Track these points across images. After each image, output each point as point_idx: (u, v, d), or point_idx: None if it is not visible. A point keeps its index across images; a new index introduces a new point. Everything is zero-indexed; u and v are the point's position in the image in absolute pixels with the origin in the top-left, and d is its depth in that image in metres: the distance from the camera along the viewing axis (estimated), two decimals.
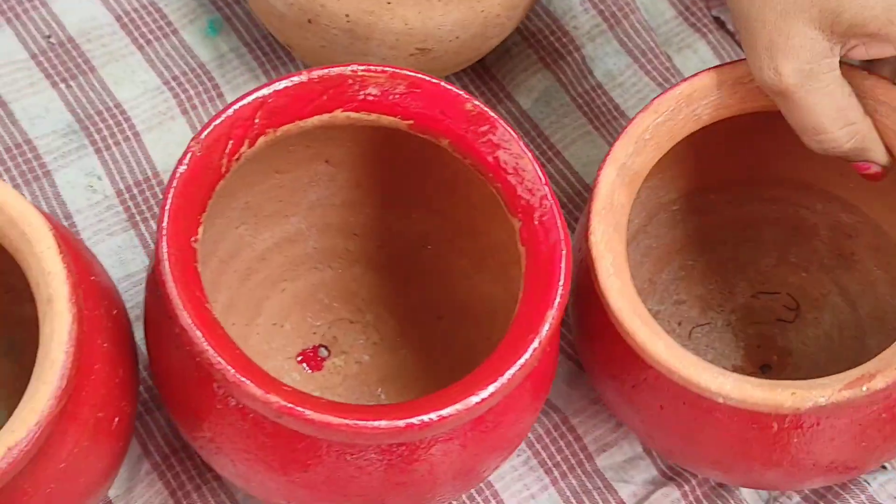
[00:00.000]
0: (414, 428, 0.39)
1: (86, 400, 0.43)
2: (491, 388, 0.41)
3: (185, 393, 0.44)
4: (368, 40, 0.55)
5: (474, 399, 0.40)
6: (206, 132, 0.43)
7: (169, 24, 0.65)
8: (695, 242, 0.61)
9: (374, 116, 0.46)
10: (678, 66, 0.69)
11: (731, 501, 0.57)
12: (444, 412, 0.39)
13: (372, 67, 0.45)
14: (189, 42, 0.65)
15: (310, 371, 0.58)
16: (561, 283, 0.43)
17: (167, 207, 0.41)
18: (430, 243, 0.58)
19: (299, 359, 0.58)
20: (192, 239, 0.42)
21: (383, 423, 0.39)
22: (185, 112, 0.64)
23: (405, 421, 0.39)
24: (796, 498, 0.58)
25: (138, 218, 0.61)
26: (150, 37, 0.65)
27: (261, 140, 0.45)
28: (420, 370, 0.58)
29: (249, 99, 0.44)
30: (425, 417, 0.39)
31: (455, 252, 0.57)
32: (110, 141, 0.62)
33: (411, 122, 0.46)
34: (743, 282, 0.61)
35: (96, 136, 0.62)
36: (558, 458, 0.58)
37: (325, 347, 0.59)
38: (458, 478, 0.46)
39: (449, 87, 0.45)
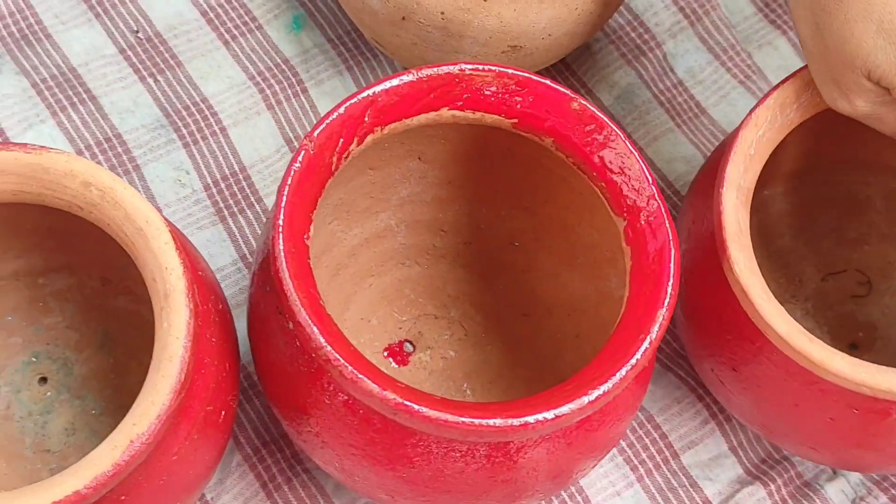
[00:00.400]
0: (528, 426, 0.40)
1: (197, 394, 0.44)
2: (603, 388, 0.41)
3: (292, 387, 0.45)
4: (462, 38, 0.55)
5: (587, 398, 0.41)
6: (318, 130, 0.43)
7: (253, 19, 0.66)
8: (754, 241, 0.61)
9: (478, 115, 0.47)
10: (758, 63, 0.68)
11: (817, 501, 0.57)
12: (559, 411, 0.40)
13: (480, 66, 0.45)
14: (273, 38, 0.66)
15: (396, 366, 0.58)
16: (671, 283, 0.43)
17: (283, 205, 0.42)
18: (518, 240, 0.58)
19: (385, 353, 0.58)
20: (305, 236, 0.43)
21: (498, 421, 0.40)
22: (270, 107, 0.64)
23: (520, 419, 0.40)
24: (883, 498, 0.58)
25: (226, 212, 0.62)
26: (236, 32, 0.66)
27: (369, 138, 0.45)
28: (505, 366, 0.58)
29: (360, 97, 0.44)
30: (539, 416, 0.40)
31: (543, 250, 0.57)
32: (198, 135, 0.63)
33: (515, 120, 0.47)
34: (809, 268, 0.61)
35: (184, 131, 0.63)
36: (644, 455, 0.58)
37: (411, 342, 0.59)
38: (557, 476, 0.46)
39: (556, 85, 0.46)
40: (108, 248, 0.53)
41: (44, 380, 0.55)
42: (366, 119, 0.44)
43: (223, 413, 0.46)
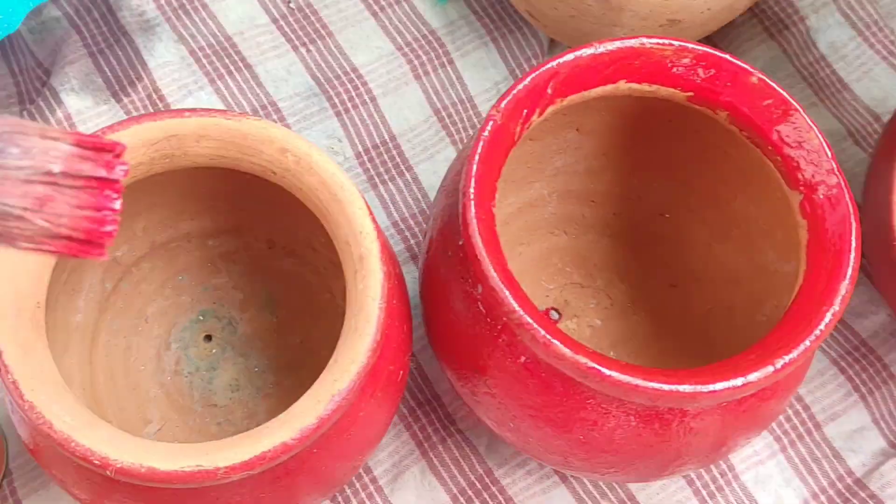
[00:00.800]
0: (715, 393, 0.41)
1: (383, 354, 0.45)
2: (789, 357, 0.42)
3: (471, 349, 0.46)
4: (622, 11, 0.56)
5: (772, 367, 0.41)
6: (505, 101, 0.45)
7: None
8: None
9: (654, 87, 0.47)
10: None
11: None
12: (748, 378, 0.41)
13: (661, 41, 0.46)
14: (420, 9, 0.67)
15: None
16: (852, 256, 0.43)
17: (473, 174, 0.43)
18: (669, 211, 0.59)
19: None
20: (491, 204, 0.44)
21: (687, 388, 0.41)
22: (417, 77, 0.66)
23: (709, 386, 0.41)
24: None
25: (377, 180, 0.63)
26: (384, 3, 0.67)
27: (549, 109, 0.46)
28: (651, 336, 0.60)
29: (544, 69, 0.45)
30: (728, 384, 0.41)
31: (696, 221, 0.58)
32: (349, 104, 0.65)
33: (691, 93, 0.47)
34: None
35: (335, 100, 0.65)
36: (787, 426, 0.59)
37: (557, 311, 0.60)
38: (721, 446, 0.47)
39: (735, 60, 0.46)
40: (277, 212, 0.55)
41: (208, 337, 0.58)
42: (548, 90, 0.46)
43: (401, 373, 0.48)
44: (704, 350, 0.57)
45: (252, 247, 0.57)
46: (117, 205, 0.33)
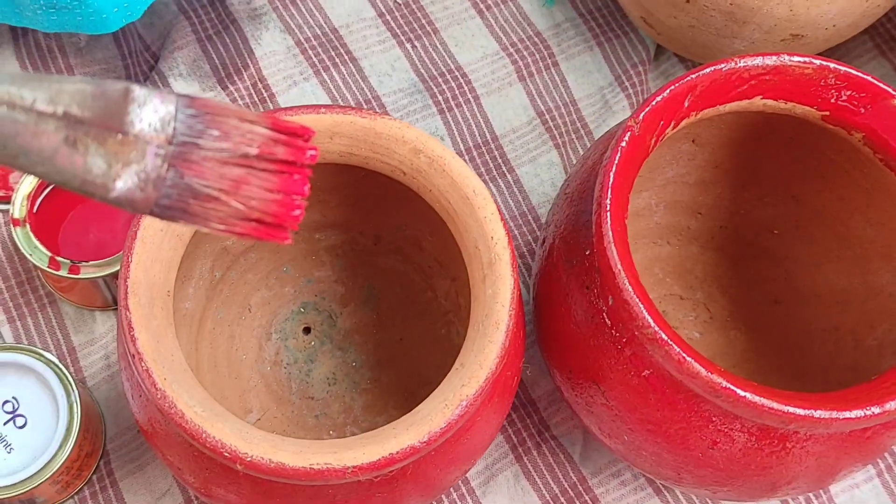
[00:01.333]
0: (850, 420, 0.40)
1: (503, 361, 0.45)
2: None
3: (591, 359, 0.46)
4: (745, 24, 0.55)
5: None
6: (644, 112, 0.44)
7: None
8: None
9: (789, 105, 0.47)
10: None
11: None
12: (888, 406, 0.40)
13: (800, 59, 0.45)
14: (526, 10, 0.67)
15: None
16: None
17: (609, 185, 0.43)
18: (777, 228, 0.58)
19: None
20: (625, 216, 0.44)
21: (821, 413, 0.40)
22: (521, 79, 0.65)
23: (844, 413, 0.40)
24: None
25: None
26: (490, 2, 0.67)
27: (684, 122, 0.46)
28: (750, 351, 0.59)
29: (683, 82, 0.45)
30: (864, 412, 0.40)
31: (804, 239, 0.57)
32: (452, 103, 0.64)
33: (826, 113, 0.47)
34: None
35: (439, 97, 0.64)
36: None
37: None
38: (829, 476, 0.47)
39: (877, 81, 0.45)
40: (386, 208, 0.55)
41: (307, 330, 0.58)
42: (685, 104, 0.45)
43: (515, 378, 0.48)
44: (805, 369, 0.56)
45: (358, 242, 0.57)
46: (306, 189, 0.33)
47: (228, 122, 0.32)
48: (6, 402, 0.51)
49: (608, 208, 0.43)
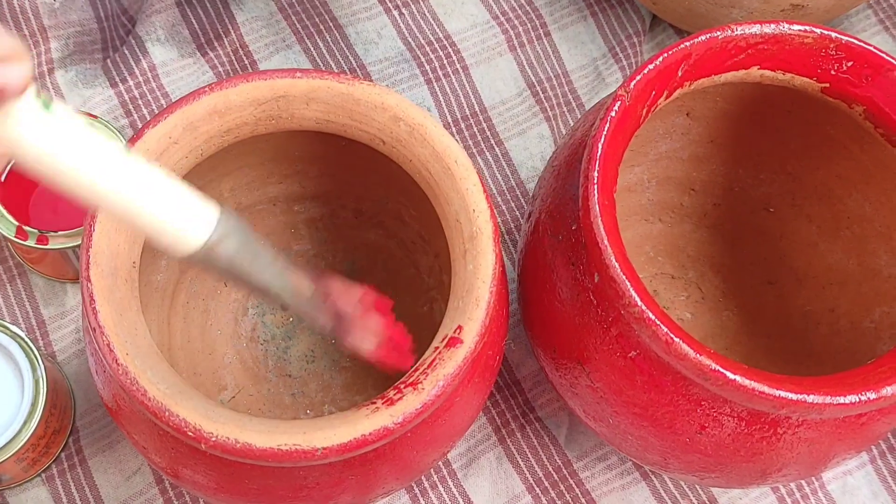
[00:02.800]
0: (846, 405, 0.38)
1: (483, 339, 0.43)
2: None
3: (575, 339, 0.44)
4: None
5: None
6: (635, 80, 0.42)
7: None
8: None
9: (787, 76, 0.45)
10: None
11: None
12: (885, 392, 0.38)
13: (801, 27, 0.43)
14: None
15: None
16: None
17: (598, 156, 0.41)
18: (773, 205, 0.56)
19: None
20: (613, 189, 0.42)
21: (814, 398, 0.38)
22: (512, 49, 0.63)
23: (839, 399, 0.38)
24: None
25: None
26: None
27: (677, 92, 0.44)
28: (743, 333, 0.57)
29: (677, 49, 0.43)
30: (859, 397, 0.38)
31: (801, 217, 0.55)
32: (440, 72, 0.62)
33: (826, 85, 0.45)
34: None
35: (426, 67, 0.62)
36: None
37: None
38: (820, 463, 0.45)
39: (880, 52, 0.43)
40: (367, 181, 0.53)
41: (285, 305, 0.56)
42: (679, 73, 0.43)
43: (497, 357, 0.46)
44: (800, 352, 0.55)
45: (338, 215, 0.55)
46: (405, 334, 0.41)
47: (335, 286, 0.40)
48: None
49: (595, 181, 0.41)
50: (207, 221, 0.35)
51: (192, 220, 0.35)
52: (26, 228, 0.52)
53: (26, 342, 0.50)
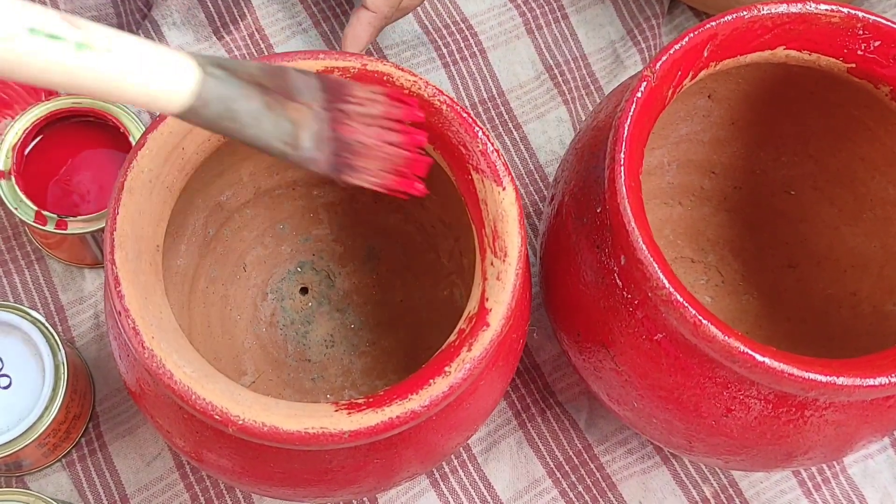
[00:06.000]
0: (875, 388, 0.38)
1: (509, 322, 0.43)
2: None
3: (600, 321, 0.44)
4: None
5: None
6: (661, 61, 0.42)
7: None
8: None
9: (813, 57, 0.44)
10: None
11: None
12: None
13: (827, 6, 0.43)
14: None
15: None
16: None
17: (624, 138, 0.41)
18: (795, 188, 0.56)
19: None
20: (639, 171, 0.42)
21: (843, 380, 0.38)
22: (529, 31, 0.63)
23: (868, 381, 0.38)
24: None
25: None
26: None
27: (703, 73, 0.44)
28: (763, 317, 0.57)
29: (703, 29, 0.42)
30: (889, 379, 0.38)
31: (823, 200, 0.55)
32: (457, 56, 0.62)
33: (853, 65, 0.44)
34: None
35: (444, 50, 0.62)
36: None
37: None
38: (845, 446, 0.45)
39: None
40: None
41: (304, 290, 0.55)
42: (705, 53, 0.43)
43: (521, 341, 0.46)
44: (821, 336, 0.54)
45: (357, 199, 0.55)
46: (424, 141, 0.37)
47: (354, 89, 0.36)
48: None
49: (622, 162, 0.40)
50: (184, 87, 0.32)
51: (167, 86, 0.32)
52: (45, 213, 0.51)
53: (46, 327, 0.50)
